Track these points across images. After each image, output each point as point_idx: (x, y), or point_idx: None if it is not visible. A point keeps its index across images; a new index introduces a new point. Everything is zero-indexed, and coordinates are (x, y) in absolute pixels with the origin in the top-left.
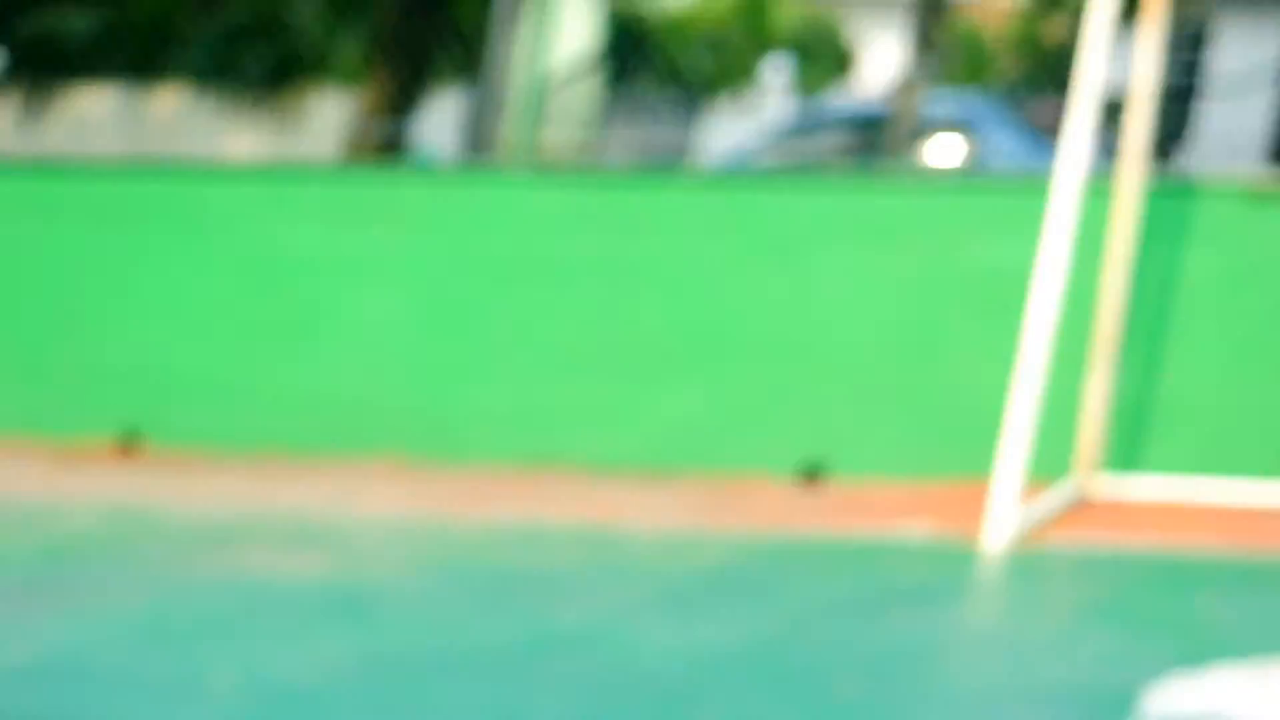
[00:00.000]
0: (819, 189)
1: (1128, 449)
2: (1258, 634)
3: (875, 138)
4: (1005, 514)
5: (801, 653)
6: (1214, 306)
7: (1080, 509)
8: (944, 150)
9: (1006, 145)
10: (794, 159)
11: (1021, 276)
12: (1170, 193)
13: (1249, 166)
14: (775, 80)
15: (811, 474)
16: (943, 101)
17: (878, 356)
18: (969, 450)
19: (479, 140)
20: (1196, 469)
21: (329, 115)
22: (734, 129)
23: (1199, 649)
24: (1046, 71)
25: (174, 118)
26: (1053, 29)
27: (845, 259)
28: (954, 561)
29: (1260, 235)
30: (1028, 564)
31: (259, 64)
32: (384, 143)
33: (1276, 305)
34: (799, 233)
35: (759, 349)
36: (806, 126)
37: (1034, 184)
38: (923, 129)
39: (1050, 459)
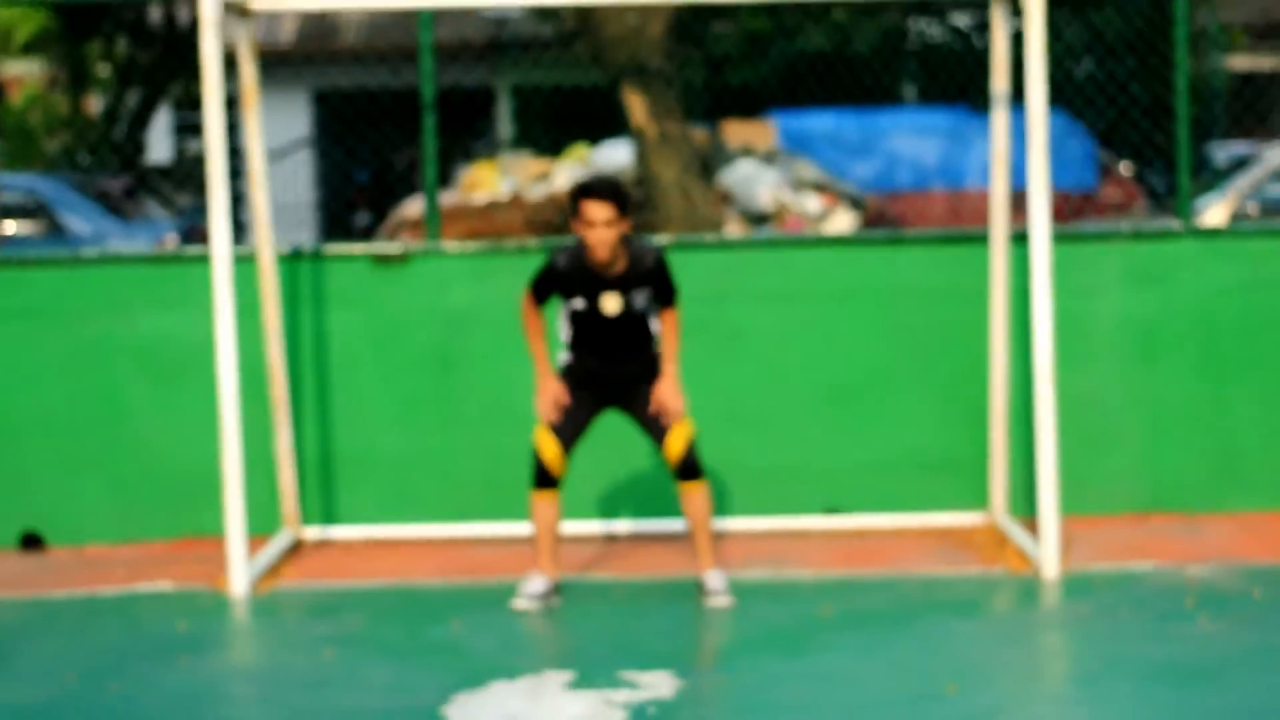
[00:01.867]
0: None
1: (323, 499)
2: (504, 652)
3: None
4: (240, 563)
5: (109, 701)
6: (367, 361)
7: (300, 555)
8: (22, 229)
9: (83, 222)
10: None
11: (189, 345)
12: (304, 261)
13: (301, 237)
14: None
15: (31, 542)
16: (14, 184)
17: (77, 426)
18: (177, 509)
19: None
20: (384, 512)
21: None
22: None
23: (463, 668)
24: (91, 146)
25: None
26: (88, 104)
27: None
28: (209, 608)
29: (386, 294)
30: (278, 605)
31: None
32: None
33: (418, 356)
34: None
35: None
36: None
37: (182, 258)
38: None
39: (257, 513)
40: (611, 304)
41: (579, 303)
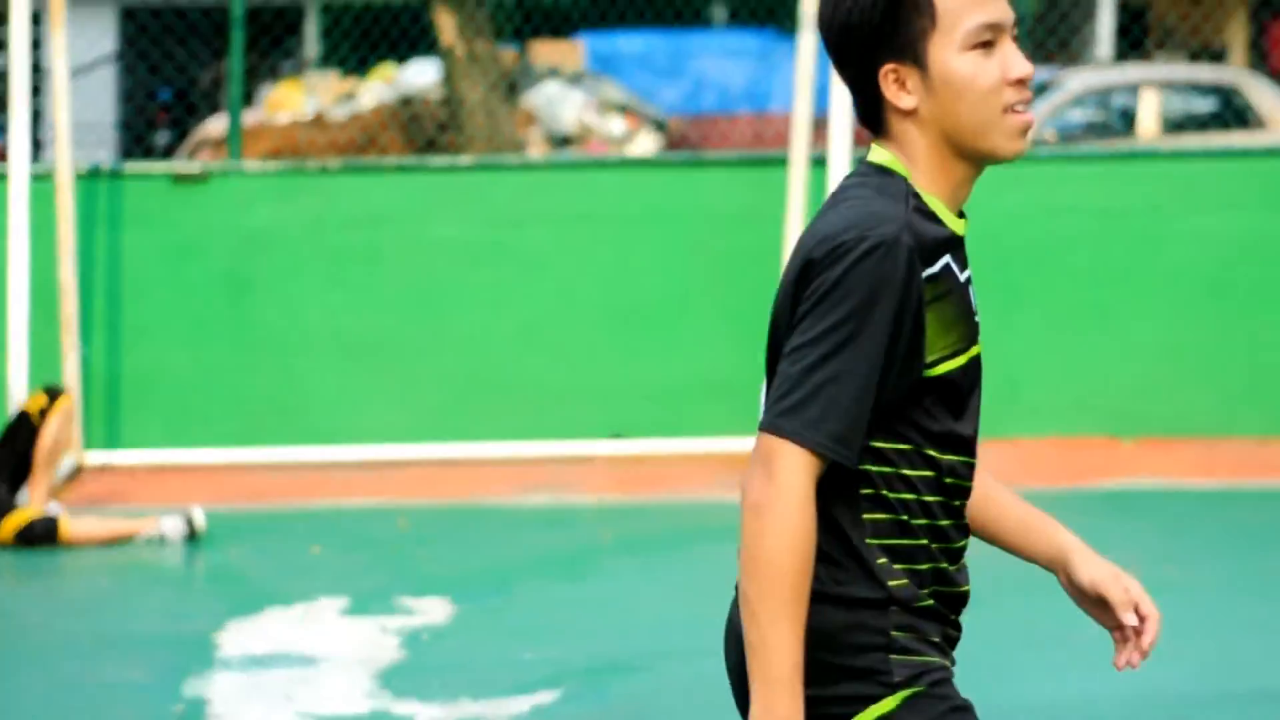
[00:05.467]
0: None
1: (109, 424)
2: (279, 579)
3: None
4: None
5: None
6: (161, 282)
7: (81, 480)
8: None
9: None
10: None
11: None
12: (102, 179)
13: (100, 156)
14: None
15: None
16: None
17: None
18: None
19: None
20: (170, 436)
21: None
22: None
23: (238, 595)
24: None
25: None
26: None
27: None
28: None
29: (184, 213)
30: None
31: None
32: None
33: (212, 277)
34: None
35: None
36: None
37: None
38: None
39: None
40: None
41: None
